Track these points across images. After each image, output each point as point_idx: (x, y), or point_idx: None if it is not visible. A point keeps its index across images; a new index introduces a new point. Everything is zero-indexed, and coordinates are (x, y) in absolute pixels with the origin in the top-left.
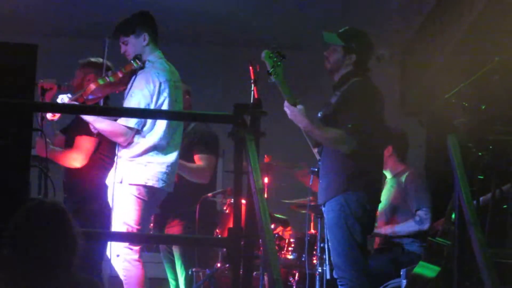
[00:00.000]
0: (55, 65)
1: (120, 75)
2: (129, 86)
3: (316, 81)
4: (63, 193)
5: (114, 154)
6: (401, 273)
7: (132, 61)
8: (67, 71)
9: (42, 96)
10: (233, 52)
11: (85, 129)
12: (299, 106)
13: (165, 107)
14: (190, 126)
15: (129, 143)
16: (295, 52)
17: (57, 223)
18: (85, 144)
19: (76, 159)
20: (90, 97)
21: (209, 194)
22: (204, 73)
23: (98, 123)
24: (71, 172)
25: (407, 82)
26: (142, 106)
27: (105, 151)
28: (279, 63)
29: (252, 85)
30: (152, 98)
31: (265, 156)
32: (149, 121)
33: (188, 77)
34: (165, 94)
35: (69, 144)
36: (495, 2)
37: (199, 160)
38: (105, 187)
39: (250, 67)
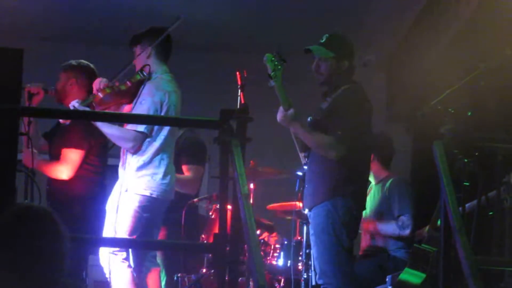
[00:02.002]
0: (42, 70)
1: (129, 84)
2: (138, 95)
3: (300, 87)
4: (46, 200)
5: (100, 165)
6: (387, 279)
7: (139, 72)
8: (53, 75)
9: (29, 101)
10: (220, 58)
11: (72, 141)
12: (291, 110)
13: None
14: (179, 133)
15: (138, 150)
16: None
17: (46, 227)
18: (72, 156)
19: (62, 172)
20: (101, 106)
21: (195, 200)
22: (191, 78)
23: (107, 128)
24: (54, 180)
25: (394, 88)
26: (151, 112)
27: (91, 161)
28: (279, 66)
29: (239, 90)
30: (162, 105)
31: (251, 161)
32: (156, 126)
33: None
34: (175, 102)
35: (54, 154)
36: (482, 8)
37: (187, 170)
38: (88, 195)
39: (237, 73)
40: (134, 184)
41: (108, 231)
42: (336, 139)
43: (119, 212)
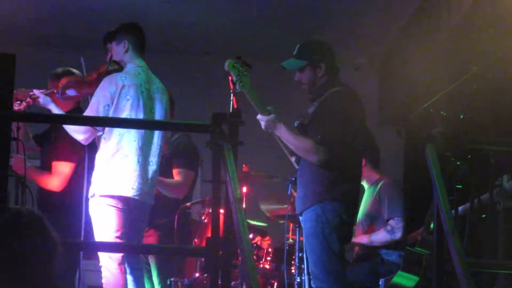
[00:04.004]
0: (33, 75)
1: (94, 75)
2: None
3: (291, 92)
4: (37, 208)
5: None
6: (380, 283)
7: (108, 63)
8: (43, 81)
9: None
10: (213, 62)
11: (63, 153)
12: (272, 115)
13: (126, 110)
14: (173, 137)
15: (99, 149)
16: (274, 63)
17: (36, 232)
18: (63, 169)
19: (54, 183)
20: (65, 94)
21: (187, 204)
22: (184, 82)
23: None
24: (44, 189)
25: (385, 92)
26: (101, 106)
27: (81, 171)
28: (245, 72)
29: (231, 95)
30: (112, 99)
31: (243, 165)
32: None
33: (168, 86)
34: (128, 97)
35: (44, 162)
36: (473, 12)
37: (177, 174)
38: (77, 202)
39: (230, 77)
40: (99, 185)
41: (96, 238)
42: (316, 143)
43: (96, 218)
